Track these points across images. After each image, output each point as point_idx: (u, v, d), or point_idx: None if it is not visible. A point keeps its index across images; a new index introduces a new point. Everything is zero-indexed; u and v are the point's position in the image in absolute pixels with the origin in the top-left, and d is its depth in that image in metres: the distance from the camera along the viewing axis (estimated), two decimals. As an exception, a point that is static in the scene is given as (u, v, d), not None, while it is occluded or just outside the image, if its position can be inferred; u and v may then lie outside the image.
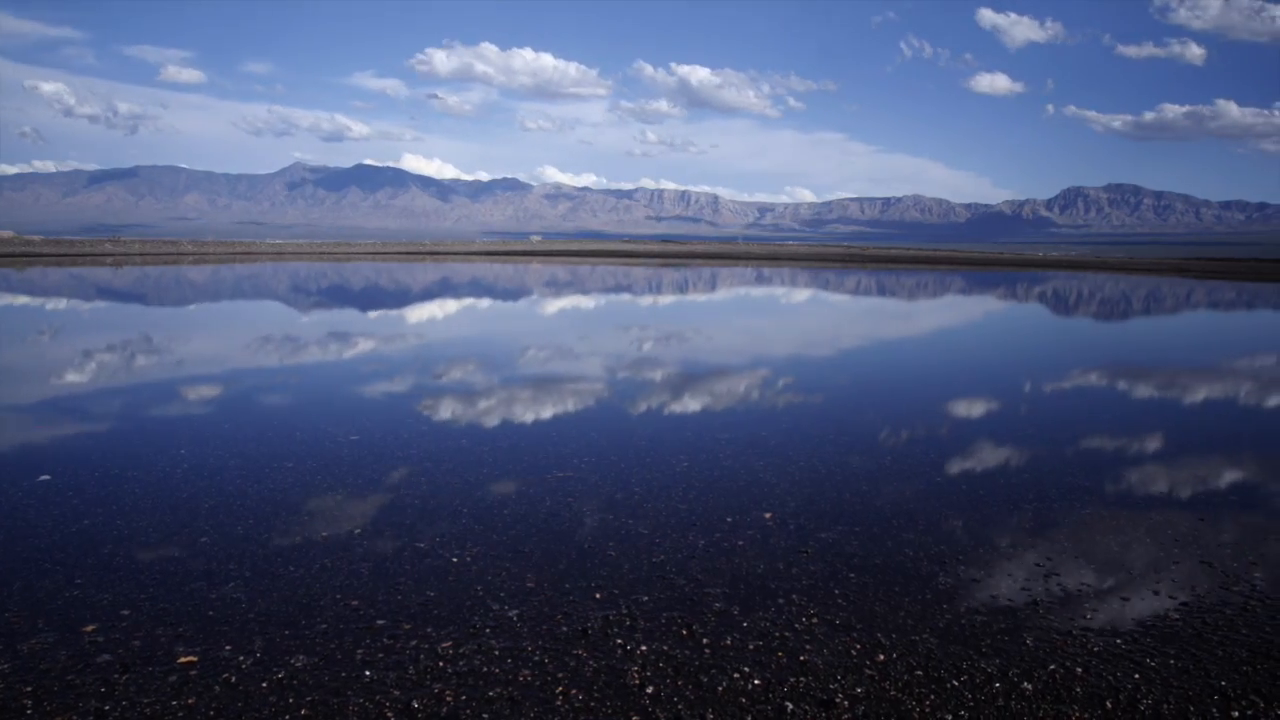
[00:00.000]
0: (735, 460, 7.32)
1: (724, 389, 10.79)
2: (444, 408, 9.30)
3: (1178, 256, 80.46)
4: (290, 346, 14.47)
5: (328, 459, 7.15)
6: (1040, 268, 58.66)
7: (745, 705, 3.61)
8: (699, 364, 13.00)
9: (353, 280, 35.64)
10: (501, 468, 6.97)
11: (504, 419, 8.81)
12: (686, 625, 4.30)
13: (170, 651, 3.92)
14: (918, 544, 5.46)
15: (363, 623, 4.25)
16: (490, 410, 9.21)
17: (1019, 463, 7.51)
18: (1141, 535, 5.72)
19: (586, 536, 5.47)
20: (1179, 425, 9.46)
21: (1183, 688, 3.80)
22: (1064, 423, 9.30)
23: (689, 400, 9.99)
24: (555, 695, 3.65)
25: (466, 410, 9.20)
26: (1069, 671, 3.92)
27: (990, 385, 11.87)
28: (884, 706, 3.61)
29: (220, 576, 4.75)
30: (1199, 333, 21.24)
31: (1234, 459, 8.00)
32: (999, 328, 21.77)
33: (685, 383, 11.14)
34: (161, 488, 6.29)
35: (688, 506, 6.07)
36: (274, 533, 5.43)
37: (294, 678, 3.73)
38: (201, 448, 7.43)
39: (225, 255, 55.64)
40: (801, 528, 5.69)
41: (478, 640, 4.11)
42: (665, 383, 11.08)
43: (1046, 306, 29.33)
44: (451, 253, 67.46)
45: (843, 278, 44.11)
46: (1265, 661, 4.04)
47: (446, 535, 5.44)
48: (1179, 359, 15.70)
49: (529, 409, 9.30)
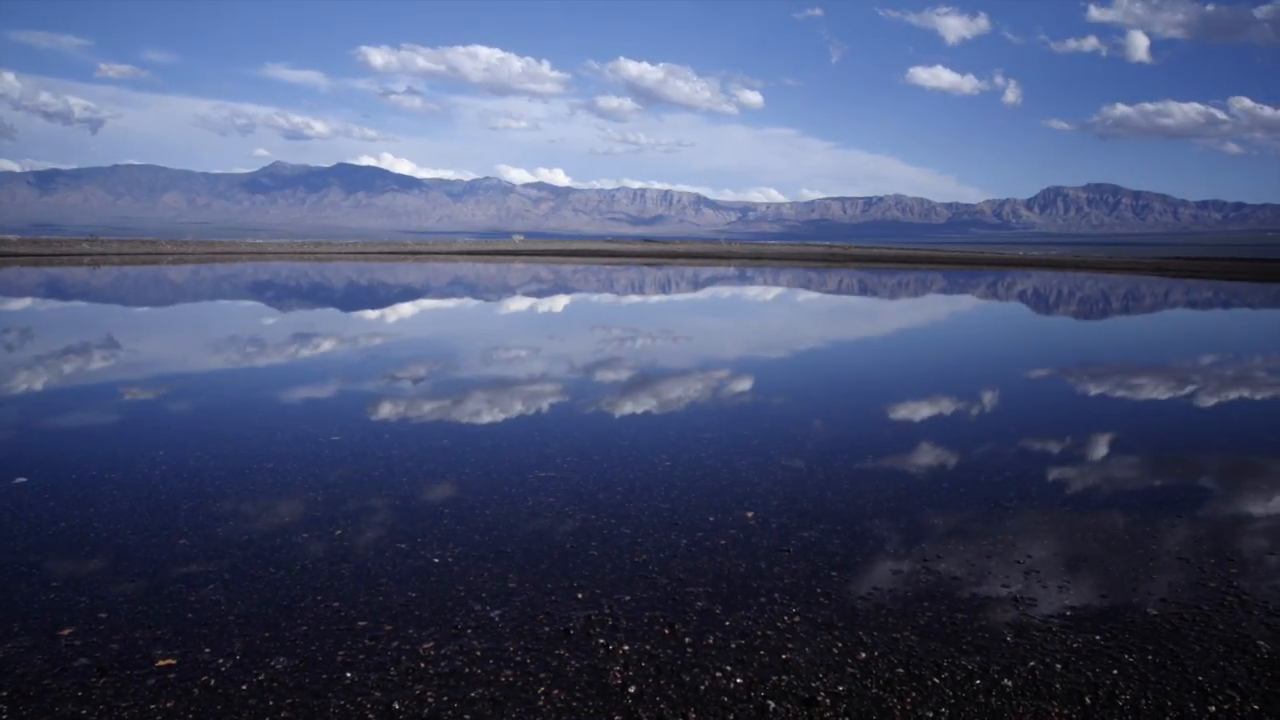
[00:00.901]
0: (717, 459, 7.33)
1: (706, 388, 10.80)
2: (426, 408, 9.27)
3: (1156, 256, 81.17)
4: (271, 347, 14.39)
5: (308, 460, 7.11)
6: (1021, 267, 59.03)
7: (727, 704, 3.61)
8: (682, 363, 13.01)
9: (334, 280, 35.47)
10: (484, 467, 6.96)
11: (486, 419, 8.79)
12: (669, 625, 4.30)
13: (149, 655, 3.89)
14: (899, 542, 5.48)
15: (344, 624, 4.23)
16: (472, 410, 9.19)
17: (1001, 461, 7.55)
18: (1120, 532, 5.76)
19: (569, 536, 5.46)
20: (1158, 423, 9.54)
21: (1160, 683, 3.83)
22: (1045, 421, 9.36)
23: (671, 399, 9.99)
24: (537, 696, 3.64)
25: (448, 410, 9.17)
26: (1048, 668, 3.94)
27: (973, 384, 11.93)
28: (865, 704, 3.62)
29: (199, 579, 4.72)
30: (1178, 331, 21.43)
31: (1212, 456, 8.07)
32: (981, 327, 21.90)
33: (668, 382, 11.14)
34: (140, 489, 6.24)
35: (670, 506, 6.08)
36: (254, 534, 5.40)
37: (274, 680, 3.71)
38: (180, 449, 7.37)
39: (205, 255, 55.24)
40: (783, 526, 5.71)
41: (459, 641, 4.09)
42: (648, 382, 11.08)
43: (1027, 305, 29.51)
44: (433, 252, 67.23)
45: (825, 277, 44.25)
46: (1242, 656, 4.08)
47: (428, 536, 5.42)
48: (1159, 357, 15.83)
49: (511, 409, 9.28)
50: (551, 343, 15.51)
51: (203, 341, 15.16)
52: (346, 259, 54.66)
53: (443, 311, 22.69)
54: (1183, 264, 61.87)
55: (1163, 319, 25.75)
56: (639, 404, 9.69)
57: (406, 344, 15.24)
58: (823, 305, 28.02)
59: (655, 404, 9.73)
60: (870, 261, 64.97)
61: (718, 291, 33.28)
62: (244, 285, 31.64)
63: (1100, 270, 55.17)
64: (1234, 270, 54.36)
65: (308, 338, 15.89)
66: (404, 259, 56.60)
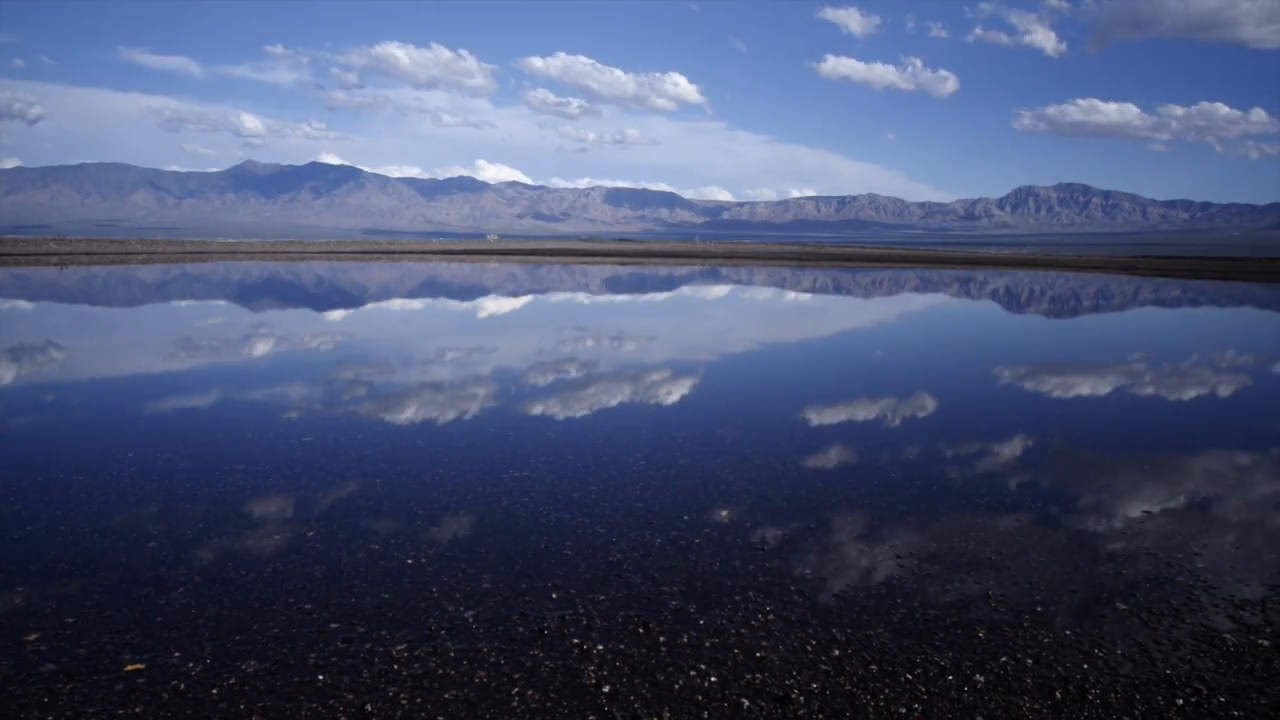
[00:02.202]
0: (692, 459, 7.34)
1: (681, 388, 10.81)
2: (399, 408, 9.22)
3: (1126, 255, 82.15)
4: (242, 347, 14.25)
5: (280, 461, 7.05)
6: (993, 266, 59.53)
7: (702, 702, 3.62)
8: (656, 362, 13.01)
9: (307, 280, 35.19)
10: (457, 468, 6.92)
11: (460, 419, 8.75)
12: (643, 624, 4.30)
13: (117, 660, 3.84)
14: (872, 540, 5.51)
15: (316, 626, 4.20)
16: (446, 410, 9.14)
17: (971, 459, 7.61)
18: (1089, 528, 5.83)
19: (543, 536, 5.45)
20: (1127, 420, 9.66)
21: (1130, 676, 3.87)
22: (1015, 419, 9.45)
23: (646, 399, 9.99)
24: (511, 696, 3.63)
25: (422, 410, 9.12)
26: (1019, 663, 3.98)
27: (943, 382, 12.02)
28: (839, 701, 3.64)
29: (169, 582, 4.66)
30: (1148, 329, 21.70)
31: (1180, 453, 8.17)
32: (954, 325, 22.06)
33: (642, 381, 11.14)
34: (108, 492, 6.15)
35: (644, 505, 6.08)
36: (225, 537, 5.34)
37: (245, 683, 3.67)
38: (149, 451, 7.28)
39: (176, 255, 54.63)
40: (758, 525, 5.72)
41: (433, 642, 4.07)
42: (622, 381, 11.08)
43: (999, 304, 29.75)
44: (407, 251, 66.89)
45: (799, 275, 44.40)
46: (1209, 649, 4.14)
47: (401, 537, 5.39)
48: (1122, 355, 16.00)
49: (485, 408, 9.25)
50: (525, 342, 15.47)
51: (173, 342, 14.98)
52: (319, 258, 54.24)
53: (415, 311, 22.56)
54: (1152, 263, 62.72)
55: (1133, 317, 26.05)
56: (613, 403, 9.69)
57: (379, 344, 15.15)
58: (797, 304, 28.11)
59: (629, 403, 9.73)
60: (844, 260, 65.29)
61: (692, 290, 33.31)
62: (216, 285, 31.32)
63: (1071, 269, 55.75)
64: (1200, 269, 55.16)
65: (279, 338, 15.76)
66: (377, 258, 56.24)
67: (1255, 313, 28.55)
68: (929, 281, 41.62)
